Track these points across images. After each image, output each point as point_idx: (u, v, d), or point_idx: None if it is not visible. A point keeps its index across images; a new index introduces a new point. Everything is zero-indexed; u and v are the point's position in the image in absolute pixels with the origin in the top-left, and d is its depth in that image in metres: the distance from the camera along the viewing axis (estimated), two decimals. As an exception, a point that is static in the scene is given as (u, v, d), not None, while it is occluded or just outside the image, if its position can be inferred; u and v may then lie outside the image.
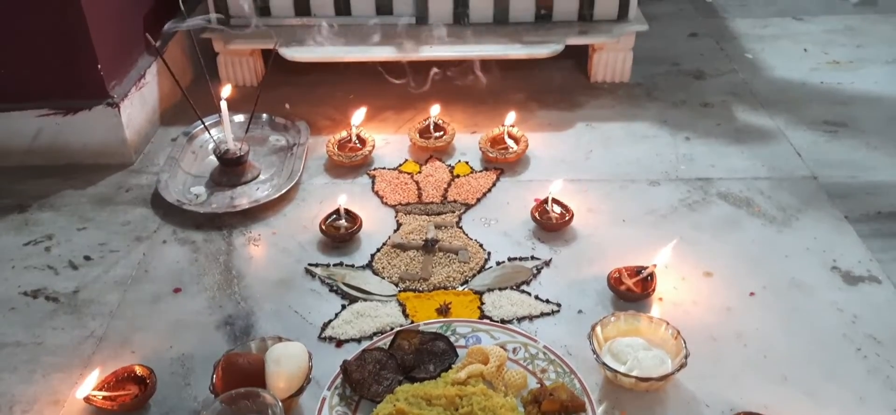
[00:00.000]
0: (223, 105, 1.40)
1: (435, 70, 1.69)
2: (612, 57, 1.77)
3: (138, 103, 1.54)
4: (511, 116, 1.57)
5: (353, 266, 1.24)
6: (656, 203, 1.38)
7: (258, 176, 1.46)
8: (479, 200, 1.41)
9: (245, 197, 1.40)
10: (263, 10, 1.72)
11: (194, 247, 1.29)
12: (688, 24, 2.08)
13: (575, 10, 1.74)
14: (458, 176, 1.48)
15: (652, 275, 1.16)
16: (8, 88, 1.44)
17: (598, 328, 1.04)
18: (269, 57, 1.61)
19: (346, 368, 0.99)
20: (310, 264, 1.25)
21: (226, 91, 1.45)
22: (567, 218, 1.31)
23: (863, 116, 1.63)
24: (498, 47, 1.68)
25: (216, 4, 1.70)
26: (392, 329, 1.10)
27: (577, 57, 1.81)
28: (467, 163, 1.52)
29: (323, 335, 1.10)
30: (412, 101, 1.71)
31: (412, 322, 1.12)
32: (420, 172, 1.49)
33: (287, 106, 1.67)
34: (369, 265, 1.25)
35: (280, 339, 1.02)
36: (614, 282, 1.16)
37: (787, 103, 1.68)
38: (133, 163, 1.52)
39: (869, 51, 1.90)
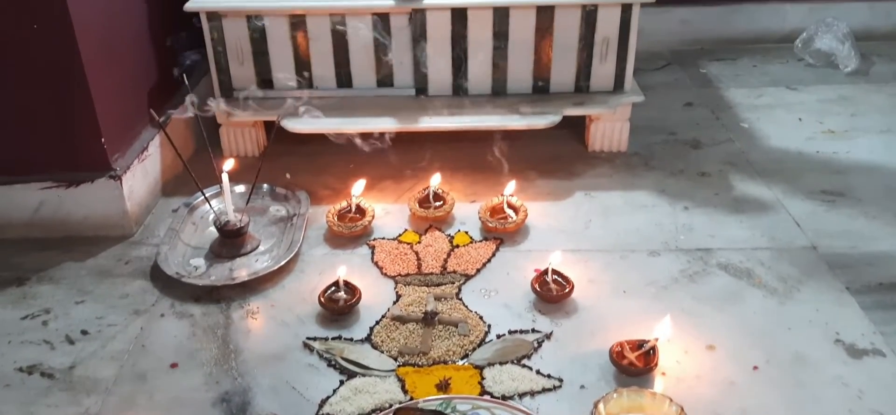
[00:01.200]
0: (224, 177, 1.41)
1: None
2: (610, 127, 1.80)
3: (140, 175, 1.56)
4: (510, 186, 1.58)
5: (351, 340, 1.23)
6: (657, 274, 1.37)
7: (258, 247, 1.46)
8: (478, 270, 1.40)
9: (244, 269, 1.40)
10: (266, 83, 1.75)
11: (192, 321, 1.28)
12: (683, 94, 2.12)
13: (571, 82, 1.77)
14: (457, 246, 1.48)
15: (654, 349, 1.15)
16: (11, 161, 1.45)
17: (601, 405, 1.03)
18: (272, 128, 1.63)
19: (343, 448, 0.97)
20: (308, 338, 1.23)
21: (228, 164, 1.47)
22: (567, 290, 1.30)
23: (860, 185, 1.64)
24: (496, 118, 1.70)
25: (220, 79, 1.73)
26: (391, 406, 1.08)
27: (575, 126, 1.83)
28: (467, 232, 1.52)
29: (320, 413, 1.09)
30: (412, 171, 1.73)
31: (411, 399, 1.10)
32: (419, 242, 1.49)
33: (288, 175, 1.69)
34: (368, 339, 1.23)
35: (277, 417, 1.00)
36: (617, 356, 1.15)
37: (784, 173, 1.70)
38: (133, 234, 1.52)
39: (863, 120, 1.93)
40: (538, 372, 1.15)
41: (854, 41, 2.21)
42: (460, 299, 1.32)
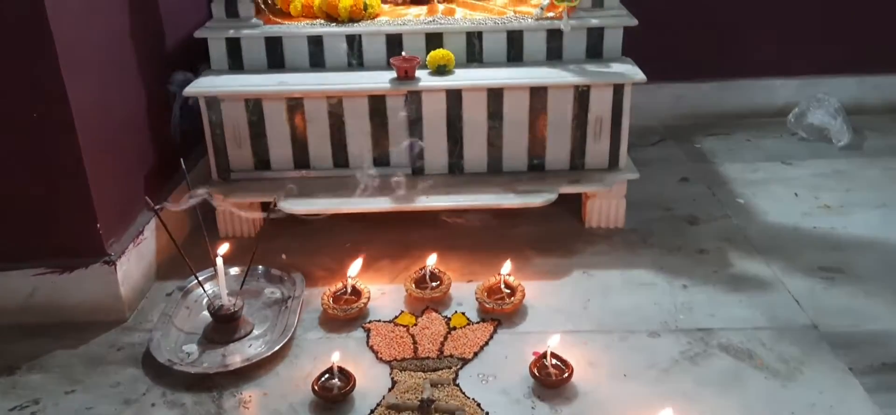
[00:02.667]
0: (219, 262, 1.41)
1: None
2: (606, 204, 1.80)
3: (135, 259, 1.55)
4: (507, 265, 1.57)
5: (345, 430, 1.20)
6: (657, 356, 1.35)
7: (251, 332, 1.45)
8: (476, 354, 1.38)
9: (237, 355, 1.37)
10: (263, 164, 1.76)
11: (184, 410, 1.26)
12: (678, 170, 2.13)
13: (567, 160, 1.78)
14: (454, 328, 1.46)
15: (656, 438, 1.12)
16: (5, 247, 1.45)
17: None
18: (268, 208, 1.63)
19: None
20: (301, 428, 1.21)
21: (222, 249, 1.46)
22: (567, 374, 1.28)
23: (858, 261, 1.63)
24: (493, 197, 1.71)
25: (217, 162, 1.75)
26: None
27: (571, 203, 1.83)
28: (464, 314, 1.50)
29: None
30: (408, 250, 1.72)
31: (406, 493, 1.07)
32: (416, 325, 1.47)
33: (283, 256, 1.68)
34: (363, 429, 1.20)
35: None
36: (617, 446, 1.12)
37: (782, 249, 1.69)
38: (127, 319, 1.50)
39: (858, 195, 1.93)
40: (537, 463, 1.12)
41: (846, 116, 2.24)
42: (457, 385, 1.30)
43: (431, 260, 1.61)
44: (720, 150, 2.25)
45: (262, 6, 1.83)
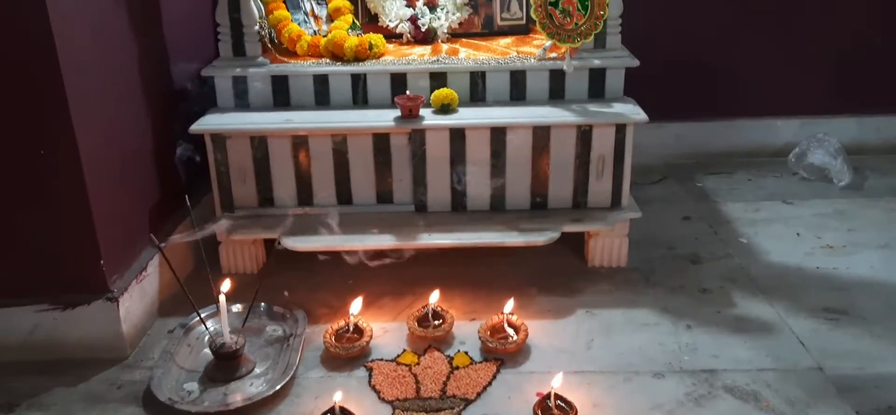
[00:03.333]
0: (221, 299, 1.40)
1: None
2: (608, 242, 1.80)
3: (138, 296, 1.55)
4: (510, 304, 1.57)
5: (347, 471, 1.19)
6: (662, 397, 1.34)
7: (253, 370, 1.44)
8: (479, 394, 1.37)
9: (239, 393, 1.36)
10: (267, 200, 1.77)
11: (183, 450, 1.24)
12: (681, 208, 2.14)
13: (569, 198, 1.79)
14: (457, 367, 1.45)
15: (661, 482, 1.10)
16: (8, 283, 1.44)
17: None
18: (271, 245, 1.63)
19: None
20: (302, 470, 1.19)
21: (225, 286, 1.46)
22: (570, 416, 1.27)
23: (863, 303, 1.62)
24: (495, 235, 1.71)
25: (221, 198, 1.75)
26: None
27: (574, 241, 1.83)
28: (467, 353, 1.49)
29: None
30: (411, 287, 1.72)
31: None
32: (418, 364, 1.46)
33: (286, 293, 1.68)
34: (365, 470, 1.19)
35: None
36: (622, 490, 1.10)
37: (786, 289, 1.69)
38: (128, 357, 1.49)
39: (861, 235, 1.94)
40: None
41: (846, 156, 2.25)
42: (460, 426, 1.29)
43: (434, 297, 1.60)
44: (722, 189, 2.26)
45: (269, 45, 1.85)
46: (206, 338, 1.48)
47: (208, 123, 1.72)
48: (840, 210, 2.08)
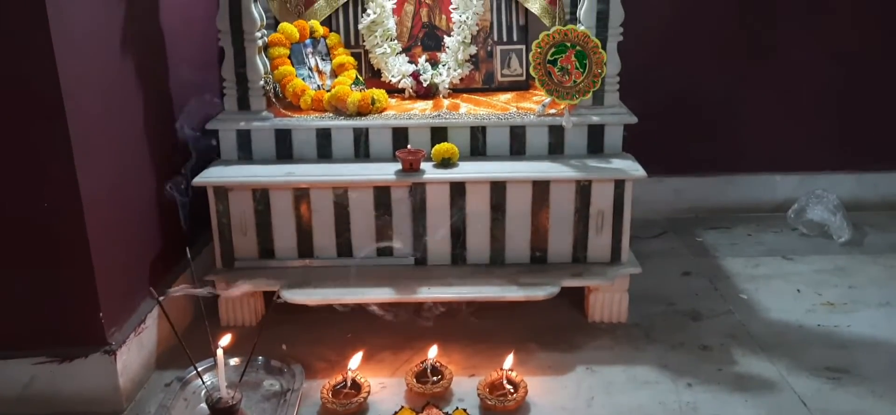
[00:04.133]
0: (219, 354, 1.40)
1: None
2: (608, 297, 1.80)
3: (135, 349, 1.54)
4: (509, 359, 1.56)
5: None
6: (662, 458, 1.32)
7: (250, 425, 1.42)
8: (477, 453, 1.36)
9: (234, 449, 1.35)
10: (268, 252, 1.77)
11: None
12: (680, 263, 2.14)
13: (569, 253, 1.79)
14: (455, 425, 1.43)
15: None
16: (6, 335, 1.44)
17: None
18: (271, 297, 1.63)
19: None
20: None
21: (224, 340, 1.45)
22: (569, 477, 1.25)
23: (864, 361, 1.61)
24: (495, 289, 1.71)
25: (222, 250, 1.76)
26: None
27: (574, 295, 1.83)
28: (465, 410, 1.48)
29: None
30: (410, 341, 1.71)
31: None
32: (417, 421, 1.45)
33: (284, 347, 1.67)
34: None
35: None
36: None
37: (787, 347, 1.68)
38: (123, 411, 1.48)
39: (861, 292, 1.93)
40: None
41: (845, 212, 2.26)
42: (458, 486, 1.27)
43: (433, 352, 1.59)
44: (721, 243, 2.26)
45: (273, 99, 1.88)
46: (203, 392, 1.47)
47: (211, 175, 1.73)
48: (840, 267, 2.08)
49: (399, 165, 1.75)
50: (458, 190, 1.74)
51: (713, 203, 2.47)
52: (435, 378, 1.55)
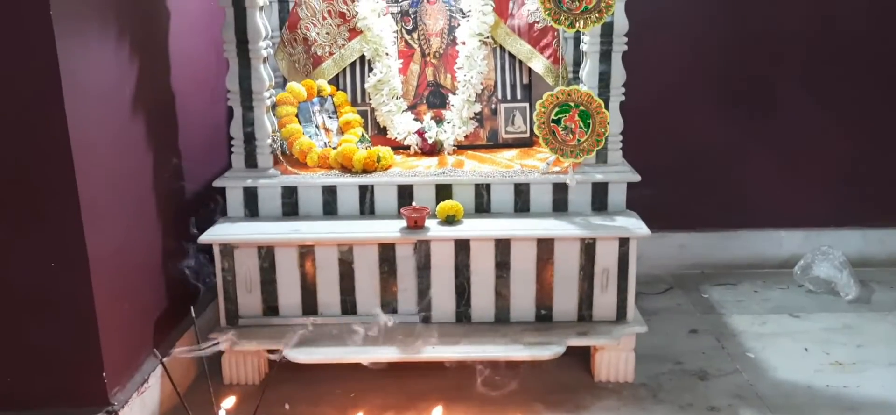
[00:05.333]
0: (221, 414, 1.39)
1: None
2: (615, 356, 1.78)
3: (138, 409, 1.53)
4: (515, 421, 1.54)
5: None
6: None
7: (251, 489, 1.40)
8: None
9: None
10: (272, 310, 1.77)
11: None
12: (687, 321, 2.12)
13: (574, 311, 1.78)
14: (460, 489, 1.41)
15: None
16: (10, 395, 1.43)
17: None
18: (275, 355, 1.63)
19: None
20: None
21: (228, 402, 1.45)
22: None
23: (875, 424, 1.59)
24: (500, 348, 1.70)
25: (227, 308, 1.76)
26: None
27: (580, 352, 1.81)
28: (470, 473, 1.46)
29: None
30: (413, 401, 1.69)
31: None
32: (420, 484, 1.42)
33: (287, 406, 1.65)
34: None
35: None
36: None
37: (796, 409, 1.65)
38: (124, 472, 1.47)
39: (870, 351, 1.91)
40: None
41: (851, 269, 2.25)
42: None
43: (437, 413, 1.58)
44: (728, 300, 2.25)
45: (280, 157, 1.91)
46: (205, 454, 1.45)
47: (217, 233, 1.75)
48: (848, 325, 2.06)
49: (404, 223, 1.76)
50: (462, 247, 1.75)
51: (719, 259, 2.47)
52: (439, 440, 1.53)
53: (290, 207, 1.84)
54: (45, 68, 1.29)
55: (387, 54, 2.03)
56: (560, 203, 1.85)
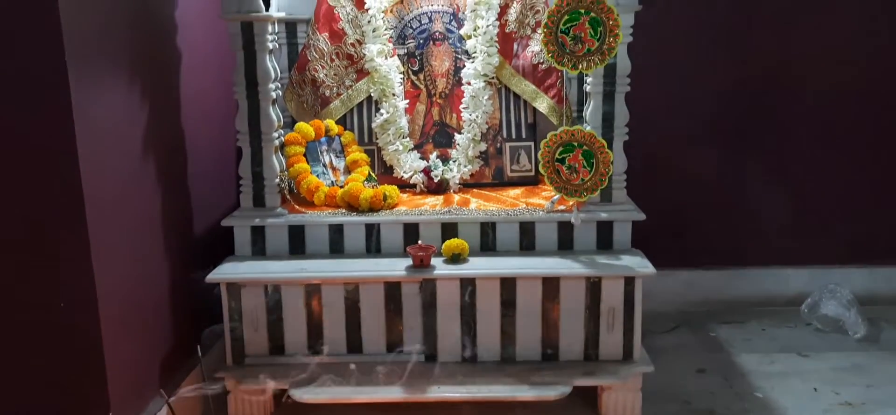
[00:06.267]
0: (227, 456, 1.38)
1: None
2: (622, 396, 1.77)
3: (143, 448, 1.53)
4: (521, 462, 1.53)
5: None
6: None
7: None
8: None
9: None
10: (278, 349, 1.77)
11: None
12: (694, 359, 2.11)
13: (581, 350, 1.78)
14: None
15: None
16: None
17: None
18: (281, 394, 1.62)
19: None
20: None
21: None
22: None
23: (886, 467, 1.57)
24: (506, 388, 1.69)
25: (233, 347, 1.76)
26: None
27: (587, 393, 1.80)
28: None
29: None
30: (420, 441, 1.69)
31: None
32: None
33: (292, 445, 1.65)
34: None
35: None
36: None
37: (807, 451, 1.64)
38: None
39: (880, 391, 1.89)
40: None
41: (859, 307, 2.24)
42: None
43: (443, 454, 1.57)
44: (735, 339, 2.24)
45: (288, 196, 1.92)
46: (209, 495, 1.45)
47: (224, 271, 1.76)
48: (857, 364, 2.04)
49: (410, 261, 1.77)
50: (468, 286, 1.75)
51: (725, 296, 2.46)
52: (445, 481, 1.52)
53: (297, 245, 1.85)
54: (59, 110, 1.32)
55: (394, 95, 2.06)
56: (565, 241, 1.86)
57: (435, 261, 1.78)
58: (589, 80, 1.82)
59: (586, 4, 1.69)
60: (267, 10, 1.78)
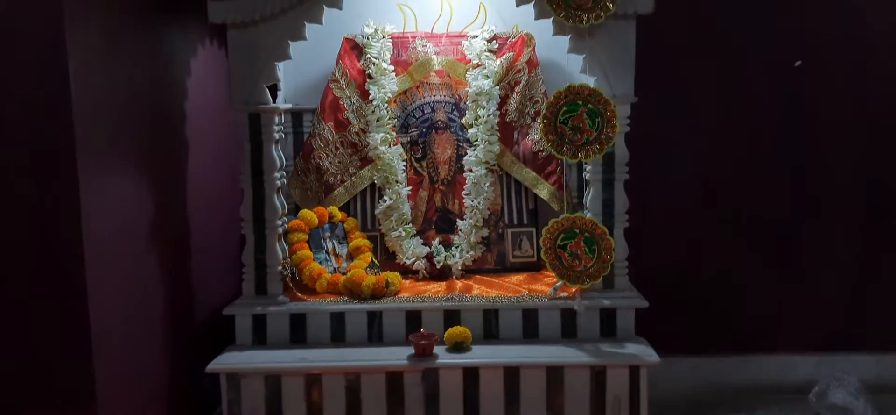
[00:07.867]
0: None
1: None
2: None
3: None
4: None
5: None
6: None
7: None
8: None
9: None
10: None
11: None
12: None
13: (586, 442, 1.74)
14: None
15: None
16: None
17: None
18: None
19: None
20: None
21: None
22: None
23: None
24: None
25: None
26: None
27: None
28: None
29: None
30: None
31: None
32: None
33: None
34: None
35: None
36: None
37: None
38: None
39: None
40: None
41: (868, 396, 2.19)
42: None
43: None
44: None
45: (290, 283, 1.92)
46: None
47: (225, 361, 1.74)
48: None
49: (412, 350, 1.75)
50: (471, 375, 1.73)
51: (731, 383, 2.41)
52: None
53: (299, 334, 1.84)
54: (67, 206, 1.34)
55: (397, 181, 2.09)
56: (569, 329, 1.85)
57: (438, 349, 1.76)
58: (588, 168, 1.85)
59: (584, 96, 1.74)
60: (274, 101, 1.83)
